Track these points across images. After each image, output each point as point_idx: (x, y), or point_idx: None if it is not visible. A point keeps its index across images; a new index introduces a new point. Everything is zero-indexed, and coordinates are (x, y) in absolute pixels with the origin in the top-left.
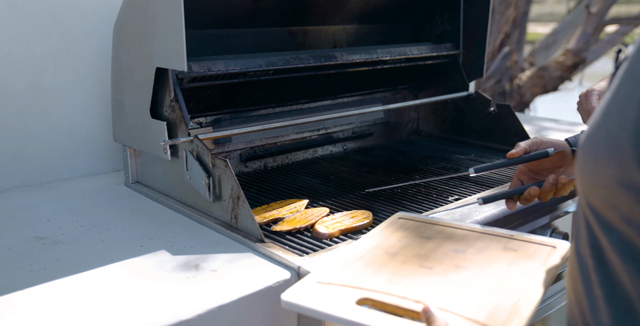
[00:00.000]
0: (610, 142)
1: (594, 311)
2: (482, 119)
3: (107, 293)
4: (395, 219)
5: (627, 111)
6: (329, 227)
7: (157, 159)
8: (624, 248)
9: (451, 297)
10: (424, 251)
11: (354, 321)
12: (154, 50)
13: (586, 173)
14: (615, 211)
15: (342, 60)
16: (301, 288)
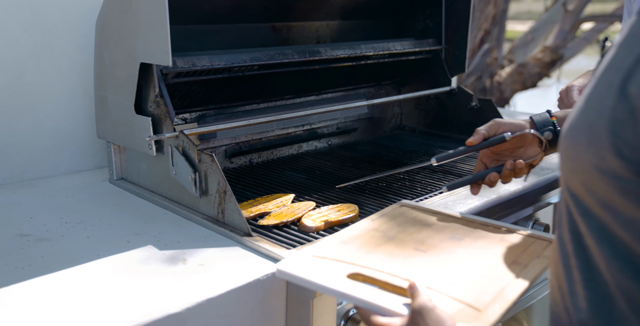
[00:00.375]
0: (589, 129)
1: (573, 295)
2: (464, 113)
3: (94, 288)
4: (397, 206)
5: (605, 98)
6: (315, 220)
7: (142, 156)
8: (601, 233)
9: (440, 278)
10: (421, 236)
11: (342, 292)
12: (138, 46)
13: (566, 159)
14: (594, 196)
15: (326, 55)
16: (296, 260)
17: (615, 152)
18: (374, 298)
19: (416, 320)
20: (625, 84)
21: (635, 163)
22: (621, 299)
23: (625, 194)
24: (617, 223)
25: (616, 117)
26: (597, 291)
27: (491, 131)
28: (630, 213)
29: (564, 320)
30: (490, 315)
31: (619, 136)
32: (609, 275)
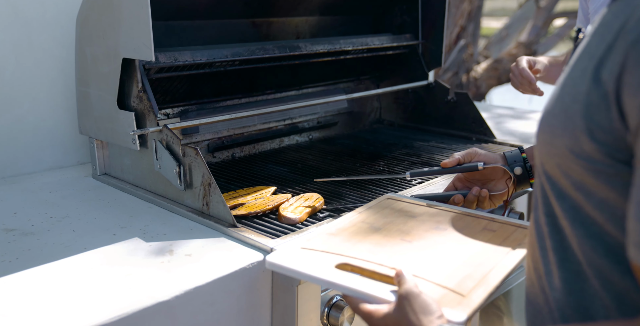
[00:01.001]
0: (564, 113)
1: (548, 275)
2: (441, 107)
3: (83, 279)
4: (383, 199)
5: (580, 84)
6: (295, 212)
7: (125, 151)
8: (574, 214)
9: (425, 266)
10: (407, 227)
11: (330, 282)
12: (120, 41)
13: (543, 143)
14: (568, 178)
15: (306, 50)
16: (285, 252)
17: (589, 135)
18: (362, 287)
19: (403, 305)
20: (598, 70)
21: (607, 145)
22: (593, 276)
23: (598, 176)
24: (589, 204)
25: (590, 102)
26: (570, 270)
27: (467, 157)
28: (602, 194)
29: (540, 301)
30: (473, 299)
31: (592, 120)
32: (582, 254)
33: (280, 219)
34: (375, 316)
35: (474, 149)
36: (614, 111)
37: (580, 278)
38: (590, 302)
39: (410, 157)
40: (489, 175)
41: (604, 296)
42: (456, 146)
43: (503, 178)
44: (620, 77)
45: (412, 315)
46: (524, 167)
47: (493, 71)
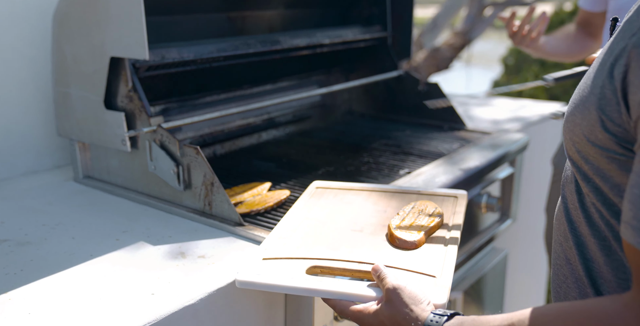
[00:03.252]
0: (583, 104)
1: (580, 247)
2: (412, 97)
3: (100, 287)
4: (313, 189)
5: (598, 77)
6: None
7: (112, 152)
8: (598, 194)
9: (389, 254)
10: (350, 216)
11: (309, 289)
12: (107, 39)
13: (567, 130)
14: (588, 163)
15: (287, 44)
16: (250, 267)
17: (602, 126)
18: (342, 288)
19: (392, 299)
20: (613, 66)
21: (618, 136)
22: (619, 250)
23: (611, 162)
24: (606, 187)
25: (603, 96)
26: (599, 244)
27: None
28: (617, 179)
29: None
30: (445, 278)
31: (604, 112)
32: (608, 230)
33: (392, 242)
34: (367, 315)
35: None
36: (622, 105)
37: (606, 251)
38: (622, 273)
39: (391, 147)
40: None
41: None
42: (431, 135)
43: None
44: (625, 75)
45: (404, 307)
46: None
47: (432, 59)
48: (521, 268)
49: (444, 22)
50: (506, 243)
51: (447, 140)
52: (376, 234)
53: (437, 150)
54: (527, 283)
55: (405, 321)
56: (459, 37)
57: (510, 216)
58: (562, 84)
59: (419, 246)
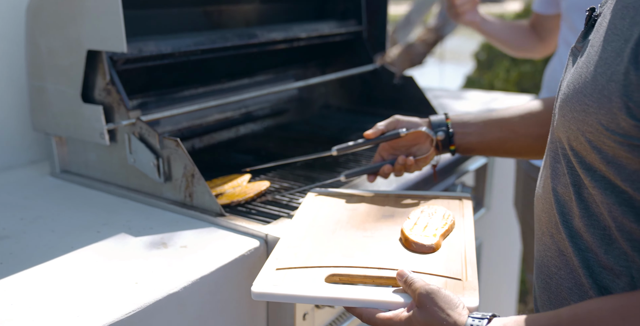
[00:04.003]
0: (600, 92)
1: (573, 239)
2: (388, 90)
3: (83, 278)
4: (312, 198)
5: (615, 65)
6: (428, 236)
7: (90, 146)
8: (605, 184)
9: (408, 258)
10: (357, 221)
11: (333, 298)
12: (84, 32)
13: (572, 121)
14: (599, 153)
15: (264, 38)
16: (265, 278)
17: (627, 113)
18: (368, 295)
19: (426, 304)
20: (636, 52)
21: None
22: (623, 239)
23: (632, 150)
24: (620, 176)
25: (629, 82)
26: (597, 234)
27: (390, 126)
28: (634, 167)
29: (557, 263)
30: (471, 281)
31: (630, 99)
32: (612, 220)
33: (408, 246)
34: (398, 322)
35: (395, 117)
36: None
37: (606, 241)
38: (624, 260)
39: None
40: (412, 140)
41: (635, 257)
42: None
43: (426, 141)
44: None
45: (440, 312)
46: (446, 132)
47: (406, 55)
48: (495, 256)
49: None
50: (480, 232)
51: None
52: (389, 239)
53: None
54: (501, 272)
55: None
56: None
57: (484, 205)
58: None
59: (436, 250)
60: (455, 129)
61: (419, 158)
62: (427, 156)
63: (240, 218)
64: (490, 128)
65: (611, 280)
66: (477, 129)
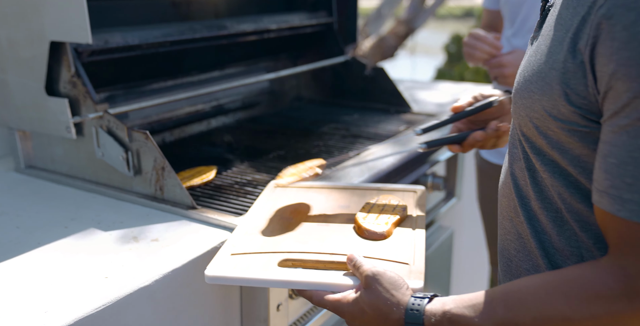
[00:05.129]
0: (543, 80)
1: (531, 221)
2: (359, 82)
3: (51, 273)
4: (272, 188)
5: (556, 53)
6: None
7: (56, 140)
8: (553, 167)
9: (360, 244)
10: (315, 211)
11: (284, 281)
12: (47, 23)
13: (522, 107)
14: (545, 138)
15: (234, 30)
16: (219, 262)
17: (566, 99)
18: (318, 278)
19: (372, 285)
20: (575, 41)
21: (582, 108)
22: (572, 220)
23: (572, 135)
24: (565, 160)
25: (567, 70)
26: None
27: (476, 99)
28: (577, 151)
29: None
30: (418, 265)
31: (568, 86)
32: (561, 202)
33: (361, 234)
34: (345, 303)
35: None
36: (589, 78)
37: (558, 223)
38: (574, 241)
39: (340, 131)
40: (496, 112)
41: (583, 237)
42: (378, 118)
43: (509, 113)
44: (594, 48)
45: (384, 292)
46: None
47: (377, 47)
48: (466, 245)
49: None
50: (452, 221)
51: (393, 123)
52: (343, 228)
53: (384, 132)
54: (472, 260)
55: (386, 306)
56: (402, 26)
57: (455, 195)
58: None
59: (387, 237)
60: None
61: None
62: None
63: (212, 211)
64: None
65: (563, 261)
66: None
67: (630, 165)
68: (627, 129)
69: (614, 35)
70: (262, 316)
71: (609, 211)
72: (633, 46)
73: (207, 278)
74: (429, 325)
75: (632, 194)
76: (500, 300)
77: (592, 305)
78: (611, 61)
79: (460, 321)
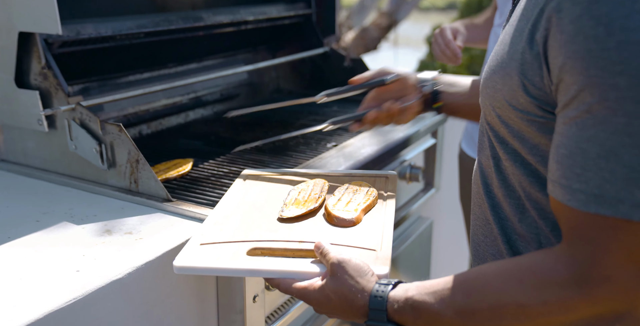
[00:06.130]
0: (504, 70)
1: (494, 208)
2: (339, 73)
3: (20, 267)
4: (244, 177)
5: (517, 44)
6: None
7: (27, 133)
8: (515, 156)
9: (330, 232)
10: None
11: (250, 269)
12: (14, 13)
13: (486, 97)
14: (507, 127)
15: (210, 21)
16: (188, 252)
17: (524, 90)
18: (285, 266)
19: (337, 272)
20: (533, 32)
21: (538, 99)
22: (532, 208)
23: (531, 125)
24: (524, 149)
25: (524, 61)
26: (513, 204)
27: (377, 75)
28: (535, 140)
29: (484, 232)
30: (385, 251)
31: (526, 77)
32: (522, 190)
33: (330, 221)
34: (312, 291)
35: (384, 67)
36: (544, 69)
37: (520, 210)
38: (534, 228)
39: (318, 122)
40: (400, 91)
41: (542, 224)
42: (357, 109)
43: (413, 93)
44: (546, 39)
45: (350, 279)
46: (433, 88)
47: (360, 39)
48: (445, 235)
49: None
50: (431, 211)
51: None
52: (315, 216)
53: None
54: (451, 250)
55: (351, 293)
56: (385, 18)
57: (434, 185)
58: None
59: (356, 224)
60: (444, 87)
61: (405, 107)
62: (412, 106)
63: (187, 203)
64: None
65: (524, 247)
66: (465, 90)
67: (579, 156)
68: (575, 120)
69: (562, 28)
70: (239, 308)
71: (561, 201)
72: (579, 40)
73: (176, 268)
74: (392, 311)
75: (580, 184)
76: (459, 287)
77: (545, 291)
78: (560, 54)
79: (422, 308)
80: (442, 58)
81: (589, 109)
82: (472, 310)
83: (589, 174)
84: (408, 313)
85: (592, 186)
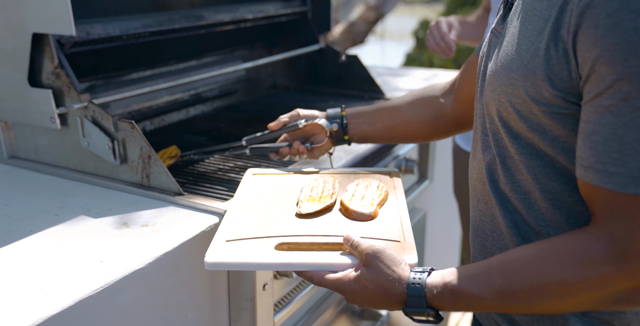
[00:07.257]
0: (525, 67)
1: (502, 203)
2: (333, 69)
3: (47, 258)
4: (250, 176)
5: (538, 42)
6: (366, 205)
7: (40, 130)
8: (530, 149)
9: (350, 226)
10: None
11: (283, 263)
12: (28, 15)
13: (502, 94)
14: (525, 122)
15: (212, 20)
16: (216, 249)
17: (550, 84)
18: (317, 259)
19: (372, 262)
20: (557, 30)
21: (564, 92)
22: (544, 199)
23: (553, 117)
24: (543, 141)
25: (550, 57)
26: (520, 199)
27: (292, 118)
28: (556, 132)
29: (490, 226)
30: (409, 242)
31: (552, 72)
32: (536, 182)
33: (348, 215)
34: (347, 281)
35: (296, 111)
36: (572, 64)
37: (527, 204)
38: (542, 221)
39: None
40: (310, 131)
41: (553, 214)
42: (352, 104)
43: (322, 132)
44: (576, 35)
45: (386, 269)
46: (341, 124)
47: (348, 33)
48: (438, 226)
49: None
50: (425, 203)
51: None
52: (332, 210)
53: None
54: (444, 241)
55: (388, 282)
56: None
57: (427, 177)
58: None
59: (374, 217)
60: (350, 120)
61: (315, 147)
62: (322, 146)
63: (198, 196)
64: (381, 116)
65: (535, 237)
66: (369, 119)
67: (615, 142)
68: (610, 108)
69: (598, 22)
70: (249, 296)
71: (596, 184)
72: (618, 33)
73: (207, 264)
74: (430, 297)
75: (617, 167)
76: (497, 270)
77: (584, 268)
78: (595, 47)
79: (461, 292)
80: (435, 50)
81: (625, 97)
82: (512, 291)
83: (627, 158)
84: (447, 298)
85: (631, 169)
